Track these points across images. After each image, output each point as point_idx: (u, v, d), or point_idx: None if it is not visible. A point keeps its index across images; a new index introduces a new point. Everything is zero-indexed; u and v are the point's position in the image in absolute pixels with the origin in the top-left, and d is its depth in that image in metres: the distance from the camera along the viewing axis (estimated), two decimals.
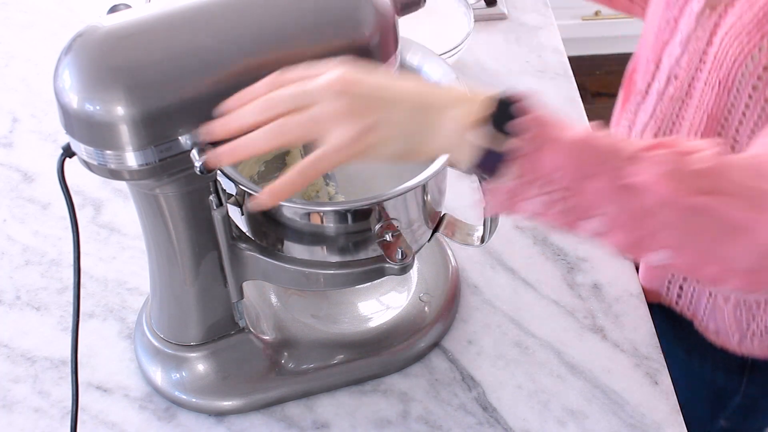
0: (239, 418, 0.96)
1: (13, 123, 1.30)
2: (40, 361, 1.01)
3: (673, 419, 0.96)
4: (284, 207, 0.84)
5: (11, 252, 1.13)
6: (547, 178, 0.65)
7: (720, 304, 1.04)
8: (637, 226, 0.66)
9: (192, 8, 0.74)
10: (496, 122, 0.65)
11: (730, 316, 1.04)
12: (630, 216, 0.66)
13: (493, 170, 0.65)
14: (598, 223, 0.66)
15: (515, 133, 0.64)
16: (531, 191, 0.66)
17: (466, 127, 0.65)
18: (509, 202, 0.67)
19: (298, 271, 0.88)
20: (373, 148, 0.66)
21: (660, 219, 0.66)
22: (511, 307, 1.06)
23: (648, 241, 0.67)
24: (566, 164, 0.65)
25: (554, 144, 0.65)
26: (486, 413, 0.97)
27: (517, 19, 1.48)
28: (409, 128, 0.66)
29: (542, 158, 0.65)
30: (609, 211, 0.66)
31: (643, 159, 0.66)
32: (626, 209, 0.66)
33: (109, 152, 0.74)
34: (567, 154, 0.65)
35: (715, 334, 1.07)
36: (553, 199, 0.66)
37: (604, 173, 0.65)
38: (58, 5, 1.51)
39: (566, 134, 0.66)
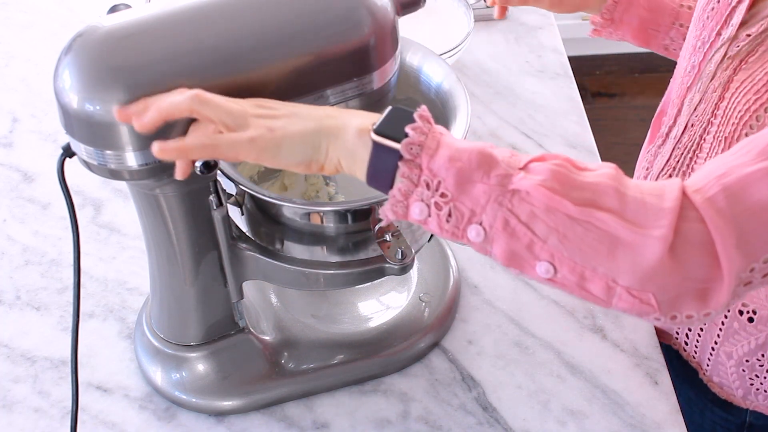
0: (239, 418, 0.96)
1: (13, 123, 1.30)
2: (40, 361, 1.01)
3: (673, 419, 0.96)
4: (284, 207, 0.84)
5: (11, 252, 1.13)
6: (435, 178, 0.67)
7: (723, 359, 1.02)
8: (519, 234, 0.66)
9: (192, 8, 0.74)
10: (389, 126, 0.69)
11: (733, 372, 1.03)
12: (511, 223, 0.66)
13: (388, 173, 0.69)
14: (482, 231, 0.67)
15: (407, 134, 0.68)
16: (420, 193, 0.68)
17: (363, 132, 0.69)
18: (400, 205, 0.69)
19: (298, 271, 0.88)
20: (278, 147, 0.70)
21: (540, 227, 0.66)
22: (511, 307, 1.06)
23: (528, 251, 0.67)
24: (453, 166, 0.67)
25: (444, 147, 0.67)
26: (486, 413, 0.97)
27: (517, 19, 1.48)
28: (312, 133, 0.70)
29: (432, 158, 0.67)
30: (492, 217, 0.67)
31: (529, 168, 0.67)
32: (508, 215, 0.66)
33: (109, 152, 0.74)
34: (455, 156, 0.67)
35: (720, 387, 1.05)
36: (439, 201, 0.68)
37: (489, 178, 0.67)
38: (58, 5, 1.51)
39: (455, 141, 0.68)
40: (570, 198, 0.66)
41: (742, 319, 0.98)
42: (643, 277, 0.65)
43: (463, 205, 0.67)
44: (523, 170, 0.67)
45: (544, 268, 0.67)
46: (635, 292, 0.66)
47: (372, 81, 0.79)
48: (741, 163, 0.66)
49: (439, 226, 0.69)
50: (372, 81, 0.79)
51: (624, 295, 0.66)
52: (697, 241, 0.65)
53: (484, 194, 0.67)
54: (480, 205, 0.67)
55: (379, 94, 0.80)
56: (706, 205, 0.65)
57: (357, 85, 0.78)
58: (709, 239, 0.65)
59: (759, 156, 0.66)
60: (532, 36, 1.44)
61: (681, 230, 0.65)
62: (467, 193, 0.67)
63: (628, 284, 0.66)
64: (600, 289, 0.67)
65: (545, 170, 0.66)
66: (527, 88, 1.35)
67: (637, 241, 0.65)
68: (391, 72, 0.81)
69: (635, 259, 0.65)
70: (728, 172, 0.66)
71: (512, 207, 0.66)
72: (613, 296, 0.67)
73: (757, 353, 0.99)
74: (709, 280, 0.65)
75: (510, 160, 0.68)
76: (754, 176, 0.65)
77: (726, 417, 1.08)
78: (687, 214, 0.65)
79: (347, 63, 0.77)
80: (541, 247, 0.66)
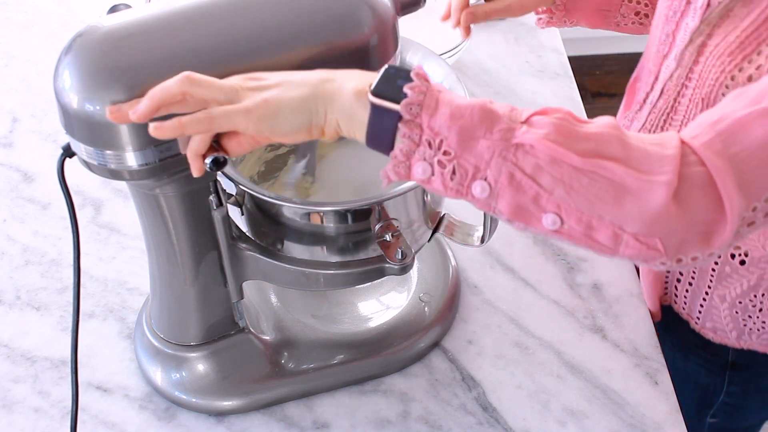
0: (239, 418, 0.96)
1: (13, 123, 1.30)
2: (40, 361, 1.01)
3: (673, 419, 0.96)
4: (284, 207, 0.84)
5: (11, 252, 1.13)
6: (437, 137, 0.67)
7: (716, 303, 1.05)
8: (524, 188, 0.66)
9: (192, 8, 0.74)
10: (386, 87, 0.68)
11: (727, 315, 1.05)
12: (516, 176, 0.67)
13: (388, 133, 0.68)
14: (487, 186, 0.67)
15: (405, 94, 0.67)
16: (423, 152, 0.67)
17: (360, 93, 0.68)
18: (402, 166, 0.68)
19: (298, 271, 0.88)
20: (276, 116, 0.69)
21: (546, 179, 0.66)
22: (511, 307, 1.06)
23: (535, 204, 0.67)
24: (455, 123, 0.66)
25: (444, 104, 0.67)
26: (486, 413, 0.97)
27: (517, 18, 1.48)
28: (307, 99, 0.69)
29: (432, 117, 0.67)
30: (497, 172, 0.67)
31: (533, 122, 0.67)
32: (513, 169, 0.66)
33: (109, 152, 0.74)
34: (456, 114, 0.67)
35: (713, 332, 1.08)
36: (442, 160, 0.67)
37: (492, 134, 0.66)
38: (58, 5, 1.51)
39: (454, 98, 0.68)
40: (574, 149, 0.66)
41: (734, 263, 0.99)
42: (649, 222, 0.66)
43: (467, 162, 0.67)
44: (525, 124, 0.67)
45: (551, 220, 0.67)
46: (642, 238, 0.67)
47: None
48: (733, 110, 0.68)
49: (443, 184, 0.68)
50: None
51: (631, 242, 0.67)
52: (700, 184, 0.66)
53: (488, 149, 0.66)
54: (484, 161, 0.67)
55: None
56: (704, 148, 0.67)
57: None
58: (710, 181, 0.66)
59: (751, 103, 0.68)
60: (532, 36, 1.44)
61: (683, 175, 0.66)
62: (470, 149, 0.67)
63: (635, 231, 0.66)
64: (607, 238, 0.67)
65: (548, 123, 0.67)
66: (527, 88, 1.35)
67: (643, 187, 0.65)
68: None
69: (642, 205, 0.66)
70: (722, 118, 0.68)
71: (517, 161, 0.66)
72: (620, 244, 0.67)
73: (749, 294, 1.01)
74: (713, 221, 0.67)
75: (511, 114, 0.68)
76: (748, 118, 0.67)
77: (709, 358, 1.11)
78: (687, 159, 0.67)
79: (347, 63, 0.77)
80: (547, 199, 0.67)
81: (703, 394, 1.16)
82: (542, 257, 1.12)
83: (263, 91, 0.69)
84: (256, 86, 0.70)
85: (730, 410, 1.17)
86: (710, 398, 1.16)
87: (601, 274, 1.10)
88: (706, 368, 1.13)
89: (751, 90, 0.70)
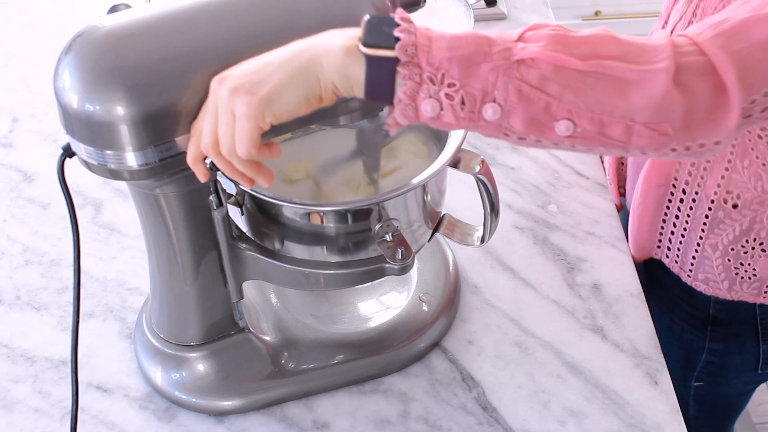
0: (239, 418, 0.96)
1: (13, 123, 1.30)
2: (40, 361, 1.01)
3: (673, 419, 0.96)
4: (284, 207, 0.84)
5: (11, 252, 1.13)
6: (438, 72, 0.68)
7: (708, 253, 1.07)
8: (534, 100, 0.68)
9: (191, 8, 0.74)
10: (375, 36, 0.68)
11: (719, 265, 1.07)
12: (524, 90, 0.68)
13: (387, 82, 0.68)
14: (497, 107, 0.68)
15: (398, 38, 0.68)
16: (427, 90, 0.68)
17: (351, 49, 0.68)
18: (409, 108, 0.69)
19: (298, 271, 0.88)
20: (271, 102, 0.69)
21: (553, 87, 0.68)
22: (511, 307, 1.06)
23: (546, 114, 0.69)
24: (454, 55, 0.67)
25: (438, 40, 0.68)
26: (486, 413, 0.97)
27: (517, 19, 1.48)
28: (296, 71, 0.69)
29: (429, 54, 0.67)
30: (504, 91, 0.68)
31: (527, 38, 0.69)
32: (519, 85, 0.68)
33: (109, 152, 0.74)
34: (453, 45, 0.68)
35: (705, 283, 1.10)
36: (448, 92, 0.68)
37: (491, 56, 0.68)
38: (58, 5, 1.51)
39: (444, 33, 0.69)
40: (574, 54, 0.68)
41: (727, 207, 1.02)
42: (656, 108, 0.69)
43: (474, 89, 0.68)
44: (519, 41, 0.69)
45: (564, 126, 0.69)
46: (652, 125, 0.69)
47: None
48: (737, 13, 0.71)
49: (455, 116, 0.69)
50: None
51: (643, 131, 0.69)
52: (700, 71, 0.69)
53: (492, 72, 0.68)
54: (490, 83, 0.68)
55: None
56: (707, 43, 0.70)
57: None
58: (711, 68, 0.69)
59: (754, 8, 0.71)
60: None
61: (683, 64, 0.69)
62: (474, 75, 0.68)
63: (645, 119, 0.69)
64: (620, 132, 0.70)
65: (543, 36, 0.68)
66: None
67: (644, 77, 0.68)
68: None
69: (646, 93, 0.68)
70: (726, 20, 0.71)
71: (521, 76, 0.68)
72: (632, 135, 0.70)
73: (741, 239, 1.04)
74: (717, 107, 0.70)
75: (504, 36, 0.69)
76: (751, 20, 0.71)
77: (691, 312, 1.14)
78: (686, 50, 0.70)
79: None
80: (557, 106, 0.68)
81: (687, 353, 1.18)
82: (542, 257, 1.12)
83: (247, 86, 0.69)
84: (237, 85, 0.70)
85: (713, 371, 1.19)
86: (694, 357, 1.18)
87: (601, 274, 1.10)
88: (689, 324, 1.15)
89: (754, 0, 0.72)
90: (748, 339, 1.14)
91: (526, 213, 1.17)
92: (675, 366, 1.12)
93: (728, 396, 1.26)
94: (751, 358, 1.16)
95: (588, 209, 1.17)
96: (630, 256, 1.12)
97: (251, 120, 0.69)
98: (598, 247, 1.13)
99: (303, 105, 0.70)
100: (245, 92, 0.69)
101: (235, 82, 0.70)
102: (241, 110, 0.69)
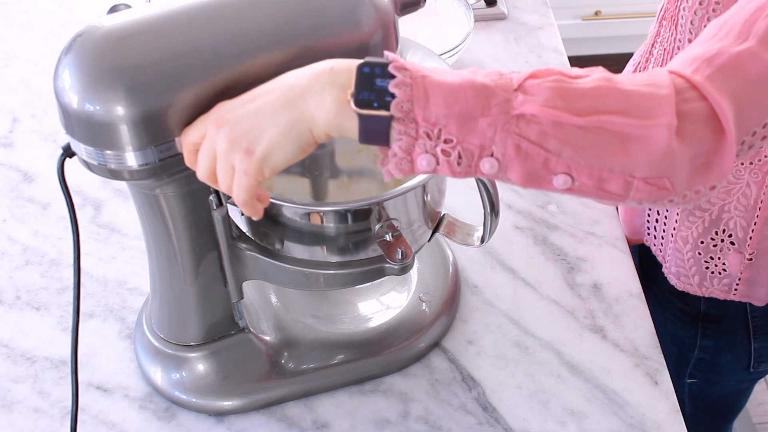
0: (239, 418, 0.96)
1: (13, 123, 1.30)
2: (40, 361, 1.01)
3: (673, 419, 0.96)
4: (284, 207, 0.84)
5: (11, 252, 1.13)
6: (434, 127, 0.66)
7: (680, 246, 1.07)
8: (532, 155, 0.66)
9: (192, 8, 0.74)
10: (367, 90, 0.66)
11: (690, 257, 1.08)
12: (523, 146, 0.66)
13: (382, 133, 0.67)
14: (495, 162, 0.67)
15: (392, 94, 0.65)
16: (423, 145, 0.66)
17: (342, 104, 0.67)
18: (405, 161, 0.67)
19: (298, 271, 0.88)
20: (268, 159, 0.69)
21: (552, 143, 0.66)
22: (511, 307, 1.06)
23: (545, 168, 0.67)
24: (451, 111, 0.65)
25: (434, 93, 0.65)
26: (486, 413, 0.97)
27: (517, 19, 1.48)
28: (289, 128, 0.69)
29: (426, 109, 0.65)
30: (502, 146, 0.66)
31: (527, 88, 0.66)
32: (518, 140, 0.66)
33: (109, 152, 0.74)
34: (450, 100, 0.65)
35: (677, 277, 1.11)
36: (445, 148, 0.66)
37: (490, 110, 0.65)
38: (58, 5, 1.51)
39: (441, 78, 0.66)
40: (575, 110, 0.66)
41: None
42: (657, 164, 0.67)
43: (471, 144, 0.66)
44: (519, 92, 0.66)
45: (562, 180, 0.68)
46: (651, 180, 0.68)
47: None
48: (727, 45, 0.70)
49: (451, 171, 0.68)
50: None
51: (641, 186, 0.68)
52: (702, 119, 0.68)
53: (490, 127, 0.66)
54: (488, 138, 0.66)
55: None
56: (707, 84, 0.68)
57: None
58: (712, 114, 0.68)
59: (740, 36, 0.70)
60: (532, 36, 1.44)
61: (684, 112, 0.67)
62: (472, 131, 0.66)
63: (645, 175, 0.67)
64: (618, 187, 0.68)
65: (544, 89, 0.66)
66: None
67: (647, 133, 0.66)
68: None
69: (647, 149, 0.67)
70: (719, 53, 0.69)
71: (521, 131, 0.66)
72: (631, 189, 0.68)
73: (710, 231, 1.05)
74: (715, 151, 0.68)
75: (503, 83, 0.67)
76: (744, 54, 0.69)
77: (683, 308, 1.15)
78: (687, 96, 0.68)
79: None
80: (556, 161, 0.67)
81: (680, 349, 1.19)
82: (542, 257, 1.12)
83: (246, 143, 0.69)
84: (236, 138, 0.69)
85: (705, 367, 1.19)
86: (686, 354, 1.19)
87: (601, 274, 1.10)
88: (681, 320, 1.16)
89: (733, 21, 0.71)
90: (740, 336, 1.14)
91: (526, 213, 1.17)
92: (668, 362, 1.13)
93: (723, 394, 1.26)
94: (743, 355, 1.16)
95: (588, 209, 1.17)
96: (630, 257, 1.12)
97: (250, 176, 0.70)
98: (598, 247, 1.13)
99: (299, 155, 0.70)
100: (243, 151, 0.69)
101: (232, 134, 0.69)
102: (240, 167, 0.70)
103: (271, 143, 0.69)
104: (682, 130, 0.67)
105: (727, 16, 0.72)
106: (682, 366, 1.21)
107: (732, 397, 1.27)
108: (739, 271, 1.07)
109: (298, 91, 0.68)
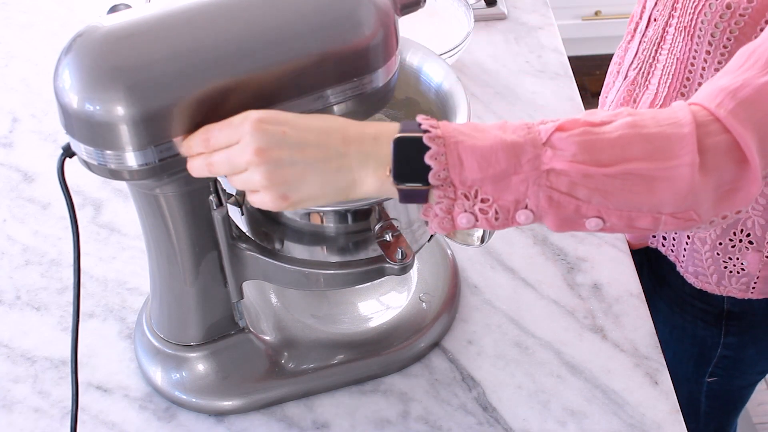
0: (239, 418, 0.96)
1: (13, 123, 1.30)
2: (40, 361, 1.01)
3: (673, 419, 0.96)
4: None
5: (11, 252, 1.13)
6: (471, 189, 0.70)
7: (698, 246, 1.08)
8: (564, 204, 0.70)
9: (192, 8, 0.74)
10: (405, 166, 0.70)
11: (708, 257, 1.08)
12: (554, 197, 0.70)
13: (422, 197, 0.72)
14: (530, 213, 0.71)
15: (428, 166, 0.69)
16: (462, 205, 0.71)
17: (382, 179, 0.71)
18: (446, 220, 0.72)
19: (298, 271, 0.88)
20: (298, 205, 0.73)
21: (582, 192, 0.70)
22: (511, 307, 1.06)
23: (577, 214, 0.71)
24: (486, 174, 0.70)
25: (468, 158, 0.69)
26: (486, 413, 0.97)
27: (517, 19, 1.48)
28: (331, 191, 0.72)
29: (461, 175, 0.70)
30: (536, 198, 0.70)
31: (554, 143, 0.70)
32: (549, 192, 0.70)
33: (109, 152, 0.74)
34: (483, 164, 0.70)
35: (695, 276, 1.11)
36: (482, 207, 0.71)
37: (522, 166, 0.70)
38: (58, 5, 1.51)
39: (473, 141, 0.70)
40: (601, 162, 0.70)
41: None
42: (682, 200, 0.71)
43: (506, 201, 0.70)
44: (547, 146, 0.70)
45: (594, 223, 0.72)
46: (679, 214, 0.71)
47: (372, 81, 0.79)
48: (752, 76, 0.72)
49: (490, 225, 0.72)
50: (372, 81, 0.79)
51: (669, 220, 0.72)
52: (724, 150, 0.70)
53: (522, 183, 0.70)
54: (521, 193, 0.70)
55: (378, 93, 0.80)
56: (730, 117, 0.70)
57: (357, 85, 0.78)
58: (735, 146, 0.70)
59: (766, 66, 0.72)
60: (532, 36, 1.44)
61: (707, 146, 0.70)
62: (506, 188, 0.70)
63: (671, 210, 0.71)
64: (647, 223, 0.72)
65: (571, 144, 0.69)
66: (527, 89, 1.35)
67: (671, 173, 0.70)
68: (391, 72, 0.81)
69: (673, 188, 0.70)
70: (743, 85, 0.72)
71: (551, 184, 0.70)
72: (659, 224, 0.72)
73: (729, 233, 1.05)
74: (739, 179, 0.71)
75: (531, 138, 0.70)
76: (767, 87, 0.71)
77: (704, 308, 1.15)
78: (710, 129, 0.71)
79: (348, 63, 0.77)
80: (587, 207, 0.71)
81: (701, 349, 1.19)
82: (542, 257, 1.12)
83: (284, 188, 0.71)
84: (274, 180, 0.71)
85: (728, 365, 1.19)
86: (708, 353, 1.19)
87: (601, 274, 1.10)
88: (702, 319, 1.16)
89: (761, 50, 0.73)
90: (762, 330, 1.14)
91: None
92: (688, 363, 1.13)
93: (740, 387, 1.27)
94: (766, 348, 1.17)
95: None
96: (630, 257, 1.12)
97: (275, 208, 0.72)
98: (598, 247, 1.13)
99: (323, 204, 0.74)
100: (279, 195, 0.71)
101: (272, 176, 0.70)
102: (269, 204, 0.72)
103: (309, 195, 0.72)
104: (705, 163, 0.70)
105: (755, 45, 0.74)
106: (702, 365, 1.20)
107: (747, 389, 1.28)
108: (757, 270, 1.07)
109: (345, 162, 0.71)
